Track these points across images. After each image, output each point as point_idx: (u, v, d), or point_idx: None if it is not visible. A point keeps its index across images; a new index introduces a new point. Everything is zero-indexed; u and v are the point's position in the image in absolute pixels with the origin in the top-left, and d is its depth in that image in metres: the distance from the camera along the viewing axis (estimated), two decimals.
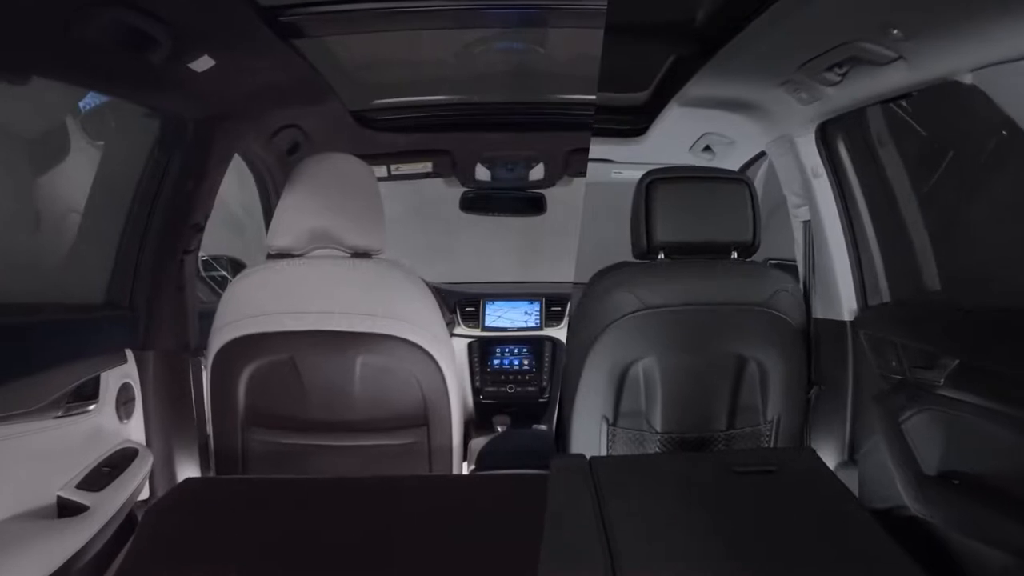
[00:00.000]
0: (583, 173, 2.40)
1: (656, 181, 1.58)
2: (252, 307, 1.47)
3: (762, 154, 2.06)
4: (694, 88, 1.68)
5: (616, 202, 2.82)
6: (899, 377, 1.41)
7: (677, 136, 2.10)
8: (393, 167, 2.38)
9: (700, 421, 1.65)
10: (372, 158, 2.25)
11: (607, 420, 1.64)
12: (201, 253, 2.36)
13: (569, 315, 2.61)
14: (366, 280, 1.46)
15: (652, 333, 1.59)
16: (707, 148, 2.13)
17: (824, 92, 1.40)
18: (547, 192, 2.56)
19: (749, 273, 1.60)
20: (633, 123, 2.11)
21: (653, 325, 1.58)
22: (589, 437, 1.66)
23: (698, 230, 1.58)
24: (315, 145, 2.11)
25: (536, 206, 2.58)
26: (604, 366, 1.61)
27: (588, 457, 1.36)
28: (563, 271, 2.76)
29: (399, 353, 1.45)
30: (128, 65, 1.26)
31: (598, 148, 2.21)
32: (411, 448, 1.53)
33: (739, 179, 1.61)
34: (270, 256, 1.53)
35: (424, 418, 1.52)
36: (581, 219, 2.58)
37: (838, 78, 1.30)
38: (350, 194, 1.48)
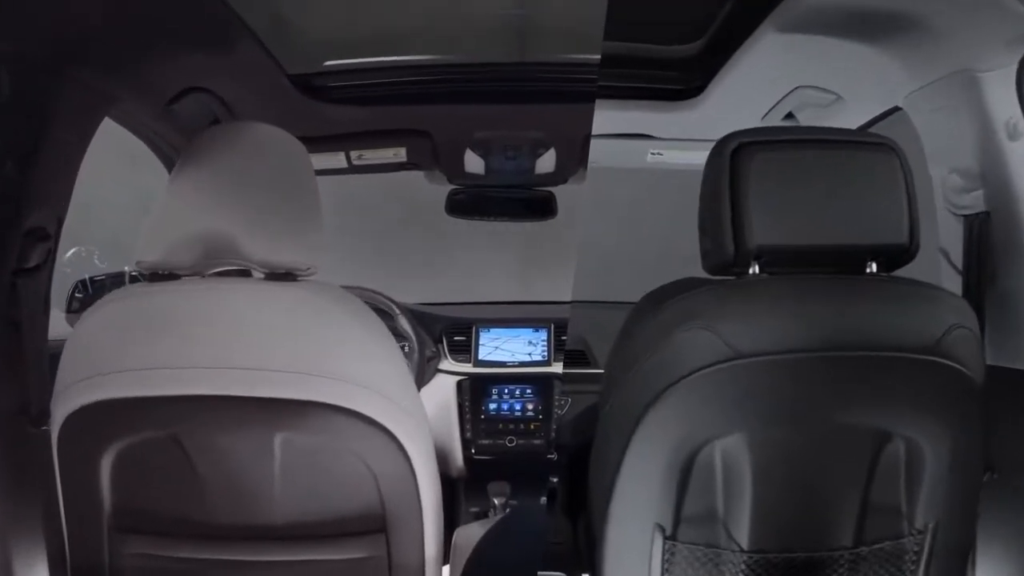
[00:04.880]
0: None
1: (749, 148, 1.01)
2: (110, 357, 1.02)
3: (878, 119, 1.47)
4: None
5: (653, 195, 2.34)
6: None
7: (748, 95, 1.52)
8: (354, 154, 1.83)
9: (811, 533, 1.09)
10: (325, 141, 1.76)
11: (662, 530, 1.08)
12: (129, 269, 1.89)
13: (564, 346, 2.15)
14: (289, 316, 1.02)
15: (742, 397, 1.02)
16: (789, 115, 1.56)
17: None
18: (558, 190, 2.04)
19: (905, 298, 1.02)
20: (684, 81, 1.54)
21: (744, 384, 1.01)
22: (633, 556, 1.09)
23: (817, 227, 1.01)
24: (240, 119, 1.59)
25: (543, 209, 2.07)
26: (661, 447, 1.05)
27: None
28: (577, 289, 2.29)
29: (340, 428, 1.01)
30: None
31: (630, 117, 1.64)
32: (363, 566, 1.09)
33: (883, 143, 1.03)
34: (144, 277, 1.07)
35: (381, 521, 1.07)
36: (586, 213, 2.14)
37: None
38: (268, 184, 1.04)
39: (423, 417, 1.12)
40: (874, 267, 1.05)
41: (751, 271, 1.05)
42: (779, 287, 1.03)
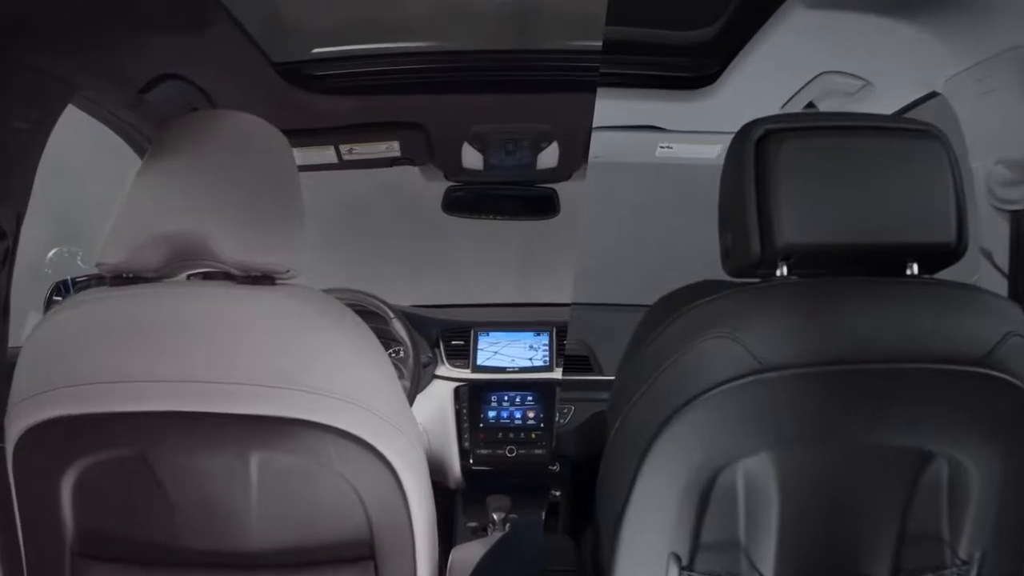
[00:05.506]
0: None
1: (778, 135, 0.90)
2: (66, 370, 0.92)
3: (909, 108, 1.36)
4: None
5: (662, 191, 2.23)
6: None
7: (766, 83, 1.40)
8: (345, 148, 1.72)
9: (843, 562, 0.98)
10: (313, 135, 1.65)
11: (678, 559, 0.98)
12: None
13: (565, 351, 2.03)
14: (266, 323, 0.92)
15: (769, 413, 0.91)
16: (810, 105, 1.44)
17: None
18: (561, 187, 1.93)
19: (953, 303, 0.91)
20: (697, 68, 1.42)
21: (772, 400, 0.90)
22: None
23: (853, 224, 0.90)
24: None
25: (545, 207, 1.96)
26: (678, 468, 0.95)
27: None
28: (580, 291, 2.20)
29: (322, 447, 0.92)
30: None
31: (638, 108, 1.52)
32: None
33: (926, 130, 0.92)
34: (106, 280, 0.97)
35: (369, 547, 0.98)
36: (590, 210, 2.03)
37: None
38: (245, 177, 0.95)
39: (415, 434, 1.02)
40: (915, 268, 0.94)
41: (778, 273, 0.94)
42: (811, 291, 0.92)
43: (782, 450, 0.93)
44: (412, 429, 1.01)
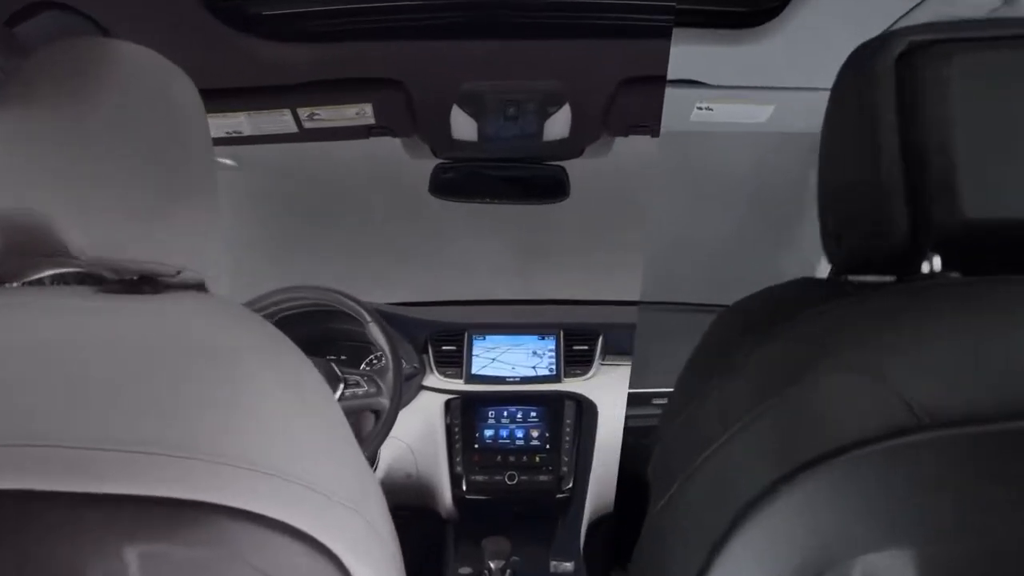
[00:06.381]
0: (644, 126, 1.41)
1: (934, 49, 0.58)
2: None
3: None
4: None
5: (692, 171, 1.88)
6: None
7: (846, 17, 1.06)
8: (304, 113, 1.39)
9: None
10: (264, 95, 1.34)
11: None
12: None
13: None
14: (139, 353, 0.62)
15: (921, 491, 0.59)
16: None
17: None
18: (571, 164, 1.60)
19: None
20: (751, 2, 1.10)
21: (929, 471, 0.58)
22: None
23: None
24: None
25: (552, 188, 1.64)
26: (771, 563, 0.63)
27: None
28: (591, 285, 1.89)
29: (234, 538, 0.60)
30: None
31: (674, 55, 1.18)
32: None
33: None
34: None
35: None
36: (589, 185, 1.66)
37: None
38: (125, 134, 0.66)
39: (378, 510, 0.70)
40: None
41: (925, 268, 0.61)
42: (990, 300, 0.59)
43: (930, 544, 0.60)
44: (373, 504, 0.69)
